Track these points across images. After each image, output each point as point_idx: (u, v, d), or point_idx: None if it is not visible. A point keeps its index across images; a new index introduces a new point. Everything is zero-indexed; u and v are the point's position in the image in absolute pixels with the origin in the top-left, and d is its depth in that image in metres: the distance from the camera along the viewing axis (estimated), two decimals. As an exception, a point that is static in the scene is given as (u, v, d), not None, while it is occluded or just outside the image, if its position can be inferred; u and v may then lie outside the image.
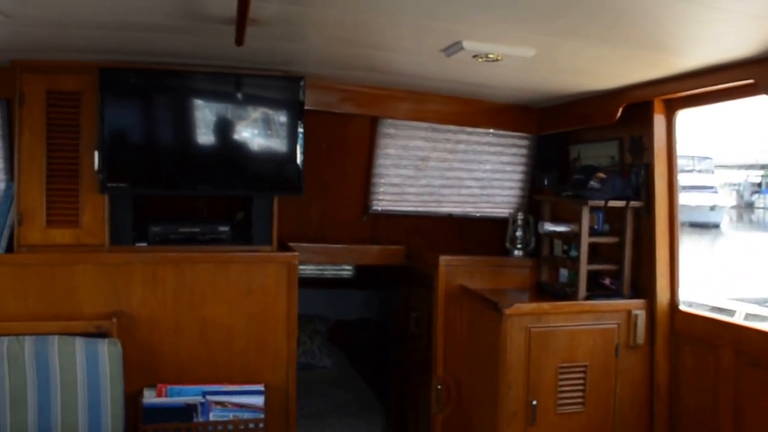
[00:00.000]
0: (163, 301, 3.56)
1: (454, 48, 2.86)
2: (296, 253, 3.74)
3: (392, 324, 5.16)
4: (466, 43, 2.78)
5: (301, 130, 3.65)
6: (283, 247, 3.91)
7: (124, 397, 3.35)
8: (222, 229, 3.71)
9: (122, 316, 3.48)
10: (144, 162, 3.56)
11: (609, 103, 3.56)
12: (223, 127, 3.62)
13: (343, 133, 4.41)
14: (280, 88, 3.68)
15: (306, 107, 3.66)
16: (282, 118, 3.71)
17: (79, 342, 3.31)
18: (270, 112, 3.71)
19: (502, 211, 4.60)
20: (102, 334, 3.39)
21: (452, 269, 3.96)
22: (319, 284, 5.08)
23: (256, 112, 3.68)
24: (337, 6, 2.46)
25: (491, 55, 2.92)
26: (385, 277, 5.10)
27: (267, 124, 3.70)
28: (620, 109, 3.49)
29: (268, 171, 3.75)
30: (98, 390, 3.29)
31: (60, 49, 3.20)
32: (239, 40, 2.49)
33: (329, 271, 4.89)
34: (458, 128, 4.36)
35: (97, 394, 3.29)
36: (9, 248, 3.49)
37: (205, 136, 3.62)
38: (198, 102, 3.61)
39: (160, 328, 3.56)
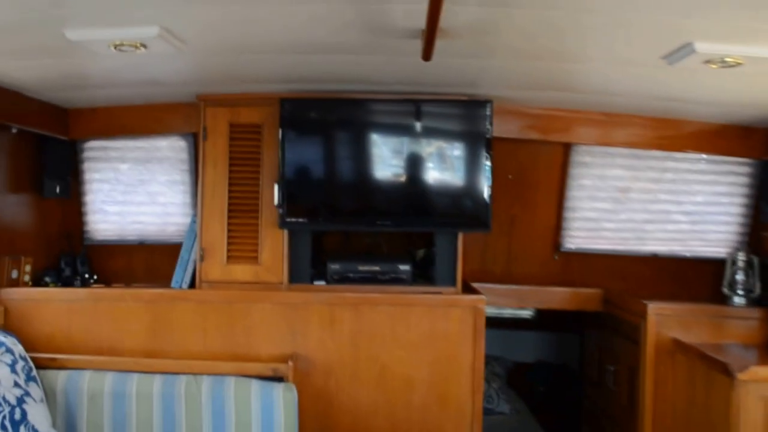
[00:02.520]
0: (341, 344, 3.33)
1: (681, 52, 2.37)
2: (483, 296, 3.37)
3: (583, 371, 4.64)
4: (698, 45, 2.29)
5: (487, 160, 3.30)
6: (466, 288, 3.56)
7: (299, 445, 3.15)
8: (403, 267, 3.44)
9: (298, 359, 3.30)
10: (323, 196, 3.40)
11: None
12: (404, 159, 3.37)
13: (531, 162, 4.01)
14: (465, 113, 3.37)
15: (494, 135, 3.32)
16: (467, 147, 3.39)
17: (255, 385, 3.16)
18: (453, 140, 3.40)
19: (717, 250, 3.96)
20: (278, 378, 3.22)
21: (663, 319, 3.40)
22: (495, 324, 4.66)
23: (439, 141, 3.38)
24: (538, 4, 2.10)
25: (729, 59, 2.39)
26: (568, 319, 4.60)
27: (450, 153, 3.38)
28: None
29: (452, 205, 3.42)
30: (273, 436, 3.12)
31: (241, 80, 3.13)
32: (427, 53, 2.21)
33: (508, 311, 4.50)
34: (664, 154, 3.81)
35: (271, 440, 3.12)
36: (192, 283, 3.46)
37: (385, 169, 3.37)
38: (378, 133, 3.39)
39: (336, 373, 3.33)
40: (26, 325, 3.36)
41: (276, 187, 3.29)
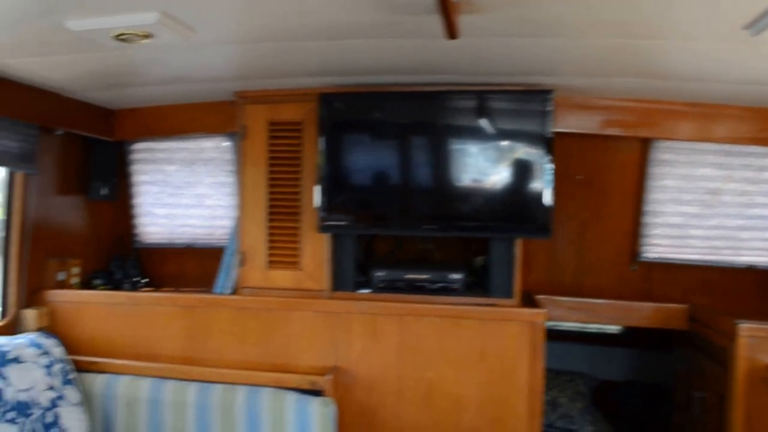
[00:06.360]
0: (385, 358, 3.09)
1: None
2: (543, 310, 3.03)
3: (671, 393, 4.16)
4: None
5: (549, 156, 2.96)
6: (528, 300, 3.23)
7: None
8: (453, 276, 3.15)
9: (339, 371, 3.09)
10: (366, 198, 3.17)
11: None
12: (452, 157, 3.07)
13: (605, 160, 3.63)
14: (522, 105, 3.02)
15: (557, 129, 2.96)
16: (524, 142, 3.04)
17: (291, 398, 2.99)
18: (508, 135, 3.06)
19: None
20: (316, 391, 3.02)
21: (758, 342, 2.92)
22: (581, 339, 4.39)
23: (491, 137, 3.05)
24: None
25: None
26: (660, 335, 4.13)
27: (505, 151, 3.05)
28: None
29: (507, 207, 3.08)
30: (307, 451, 2.95)
31: (277, 73, 2.96)
32: (451, 31, 1.92)
33: (593, 325, 4.11)
34: (764, 150, 3.33)
35: (305, 455, 2.95)
36: (235, 289, 3.36)
37: (431, 168, 3.10)
38: (424, 129, 3.12)
39: (379, 388, 3.09)
40: (69, 327, 3.36)
41: (316, 189, 3.10)
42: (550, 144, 2.95)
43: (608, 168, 3.63)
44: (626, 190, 3.59)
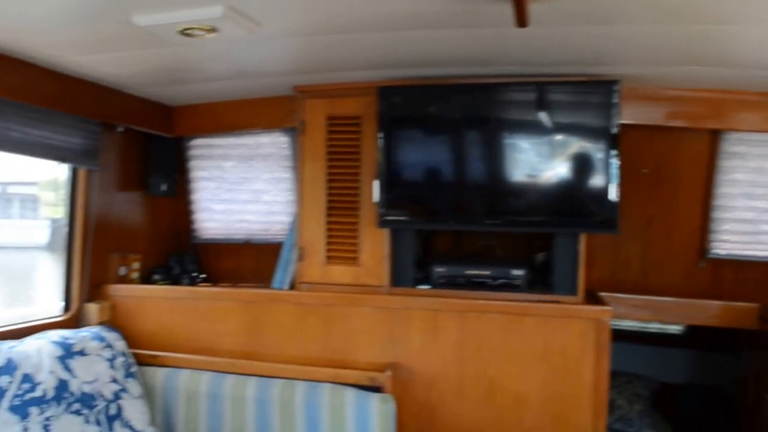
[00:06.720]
0: (445, 355, 3.04)
1: None
2: (608, 308, 2.93)
3: (738, 397, 4.01)
4: None
5: (615, 150, 2.86)
6: (592, 297, 3.14)
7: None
8: (516, 273, 3.08)
9: (398, 368, 3.05)
10: (425, 192, 3.11)
11: None
12: (513, 149, 3.00)
13: (672, 153, 3.49)
14: (584, 97, 2.92)
15: (622, 121, 2.87)
16: (588, 134, 2.94)
17: (350, 394, 2.97)
18: (572, 127, 2.97)
19: None
20: (375, 388, 2.99)
21: (835, 345, 2.79)
22: (641, 339, 4.24)
23: (553, 128, 2.96)
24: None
25: None
26: (724, 336, 3.98)
27: (569, 143, 2.96)
28: None
29: (572, 201, 2.99)
30: (367, 448, 2.92)
31: (336, 67, 2.93)
32: (521, 19, 1.86)
33: (654, 325, 3.97)
34: None
35: (365, 451, 2.92)
36: (293, 284, 3.35)
37: (492, 161, 3.02)
38: (483, 121, 3.04)
39: (439, 386, 3.04)
40: (131, 321, 3.39)
41: (375, 184, 3.07)
42: (616, 137, 2.85)
43: (675, 161, 3.49)
44: (694, 184, 3.45)
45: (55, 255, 3.58)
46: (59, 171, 3.38)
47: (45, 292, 3.56)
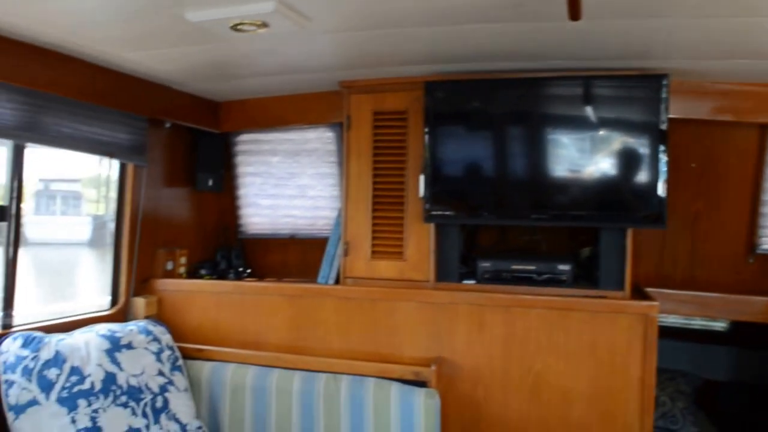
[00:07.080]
0: (490, 350, 3.03)
1: None
2: (656, 303, 2.90)
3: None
4: None
5: (663, 145, 2.83)
6: (638, 293, 3.11)
7: (440, 454, 2.91)
8: (562, 267, 3.07)
9: (443, 362, 3.06)
10: (471, 188, 3.11)
11: None
12: (561, 144, 2.98)
13: (720, 147, 3.44)
14: (636, 91, 2.90)
15: (670, 116, 2.84)
16: (637, 129, 2.92)
17: (395, 388, 2.98)
18: (621, 121, 2.94)
19: None
20: (420, 382, 2.99)
21: None
22: (684, 336, 4.20)
23: (602, 122, 2.94)
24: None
25: None
26: (768, 333, 3.93)
27: (618, 137, 2.94)
28: None
29: (619, 196, 2.97)
30: (412, 443, 2.93)
31: (382, 61, 2.94)
32: (574, 12, 1.85)
33: (697, 322, 3.91)
34: None
35: (410, 446, 2.93)
36: (338, 279, 3.37)
37: (539, 156, 3.01)
38: (530, 116, 3.03)
39: (485, 381, 3.04)
40: (177, 315, 3.44)
41: (421, 178, 3.08)
42: (665, 132, 2.82)
43: (723, 155, 3.43)
44: (743, 179, 3.39)
45: (97, 251, 3.65)
46: (102, 168, 3.44)
47: (88, 287, 3.63)
